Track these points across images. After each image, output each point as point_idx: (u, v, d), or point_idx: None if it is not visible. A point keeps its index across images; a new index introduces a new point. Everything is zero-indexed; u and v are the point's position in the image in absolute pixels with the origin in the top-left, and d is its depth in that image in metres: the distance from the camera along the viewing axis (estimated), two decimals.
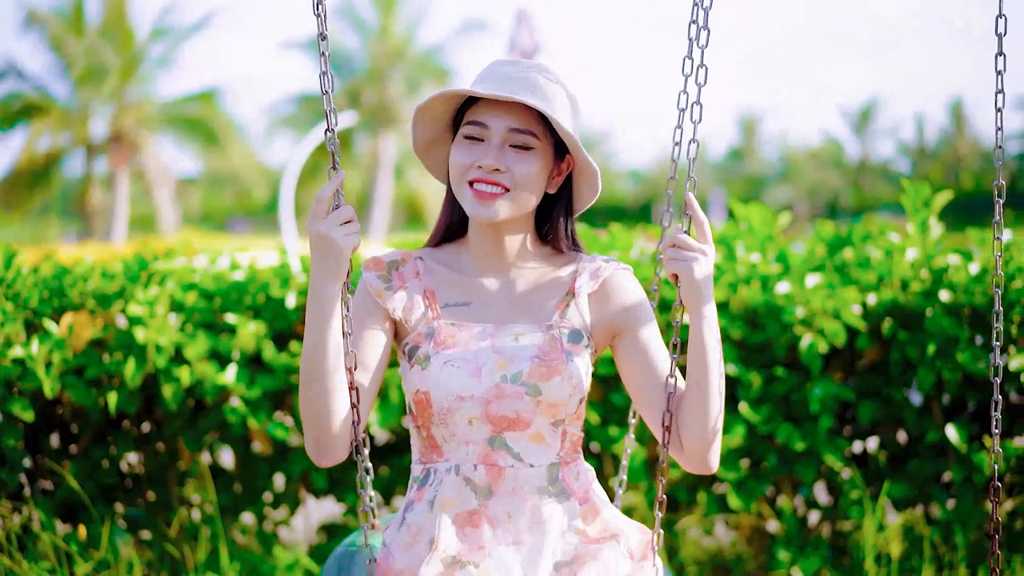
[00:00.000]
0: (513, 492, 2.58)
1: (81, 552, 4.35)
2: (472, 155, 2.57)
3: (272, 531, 4.70)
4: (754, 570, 4.70)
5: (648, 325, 2.67)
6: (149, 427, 4.62)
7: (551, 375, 2.55)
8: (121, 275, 4.42)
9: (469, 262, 2.72)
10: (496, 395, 2.54)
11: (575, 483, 2.65)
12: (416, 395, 2.58)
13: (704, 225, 2.55)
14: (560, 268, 2.73)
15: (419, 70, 43.85)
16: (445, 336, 2.60)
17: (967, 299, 4.35)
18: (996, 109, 2.81)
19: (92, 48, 37.08)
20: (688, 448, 2.58)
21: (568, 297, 2.67)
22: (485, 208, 2.56)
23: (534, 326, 2.62)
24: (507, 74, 2.59)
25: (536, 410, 2.56)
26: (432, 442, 2.63)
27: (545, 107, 2.54)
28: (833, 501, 4.66)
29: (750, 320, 4.49)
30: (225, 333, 4.41)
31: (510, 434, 2.57)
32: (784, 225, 4.75)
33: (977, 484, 4.40)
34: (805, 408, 4.44)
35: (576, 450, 2.69)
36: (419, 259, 2.73)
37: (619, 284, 2.69)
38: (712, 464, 2.60)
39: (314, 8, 2.54)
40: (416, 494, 2.64)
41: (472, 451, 2.58)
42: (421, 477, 2.66)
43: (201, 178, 57.18)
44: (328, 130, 2.52)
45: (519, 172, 2.56)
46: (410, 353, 2.62)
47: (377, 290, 2.66)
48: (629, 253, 4.71)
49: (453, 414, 2.56)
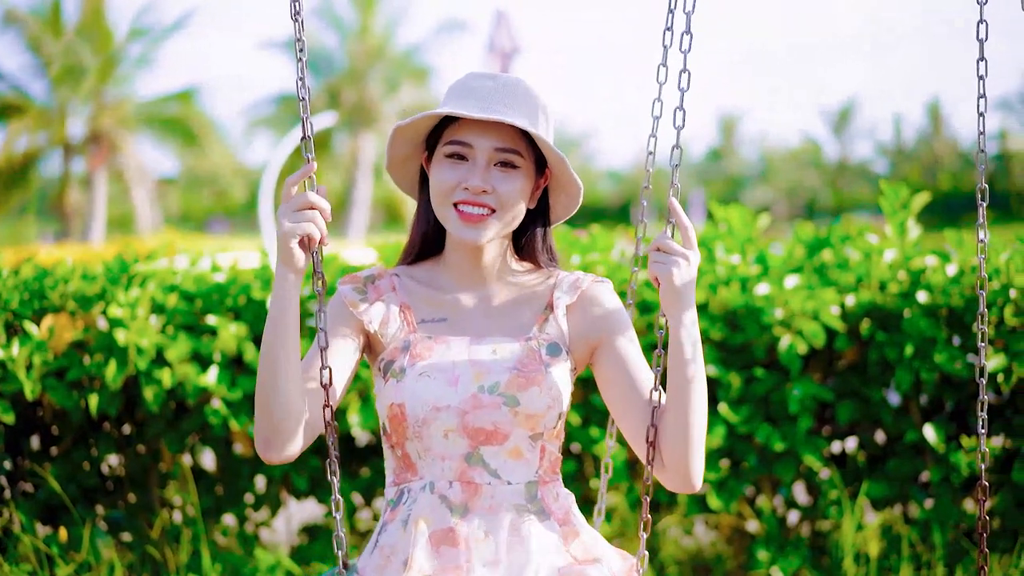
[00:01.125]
0: (490, 510, 2.49)
1: (62, 554, 4.34)
2: (456, 176, 2.51)
3: (253, 533, 4.71)
4: (734, 570, 4.72)
5: (628, 338, 2.61)
6: (130, 429, 4.62)
7: (529, 385, 2.49)
8: (102, 277, 4.42)
9: (446, 278, 2.66)
10: (473, 405, 2.47)
11: (554, 504, 2.56)
12: (391, 409, 2.51)
13: (688, 230, 2.48)
14: (538, 282, 2.67)
15: (398, 70, 43.85)
16: (421, 349, 2.53)
17: (945, 300, 4.38)
18: (979, 113, 2.81)
19: (70, 48, 36.94)
20: (670, 463, 2.50)
21: (547, 311, 2.61)
22: (472, 231, 2.51)
23: (512, 339, 2.56)
24: (487, 90, 2.53)
25: (514, 421, 2.49)
26: (407, 460, 2.55)
27: (531, 127, 2.50)
28: (812, 501, 4.69)
29: (730, 321, 4.51)
30: (206, 335, 4.41)
31: (487, 449, 2.49)
32: (764, 227, 4.78)
33: (955, 484, 4.43)
34: (784, 408, 4.46)
35: (555, 471, 2.60)
36: (395, 275, 2.67)
37: (598, 296, 2.63)
38: (695, 481, 2.51)
39: (292, 14, 2.50)
40: (389, 515, 2.56)
41: (448, 467, 2.50)
42: (394, 499, 2.57)
43: (179, 178, 57.02)
44: (304, 137, 2.46)
45: (505, 192, 2.51)
46: (385, 369, 2.55)
47: (352, 301, 2.60)
48: (610, 254, 4.72)
49: (428, 426, 2.48)
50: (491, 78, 2.55)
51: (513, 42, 17.68)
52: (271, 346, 2.41)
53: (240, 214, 64.38)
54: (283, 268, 2.41)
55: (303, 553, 4.65)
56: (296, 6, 2.51)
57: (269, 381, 2.41)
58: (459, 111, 2.47)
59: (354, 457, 4.67)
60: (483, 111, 2.48)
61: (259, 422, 2.44)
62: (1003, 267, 4.35)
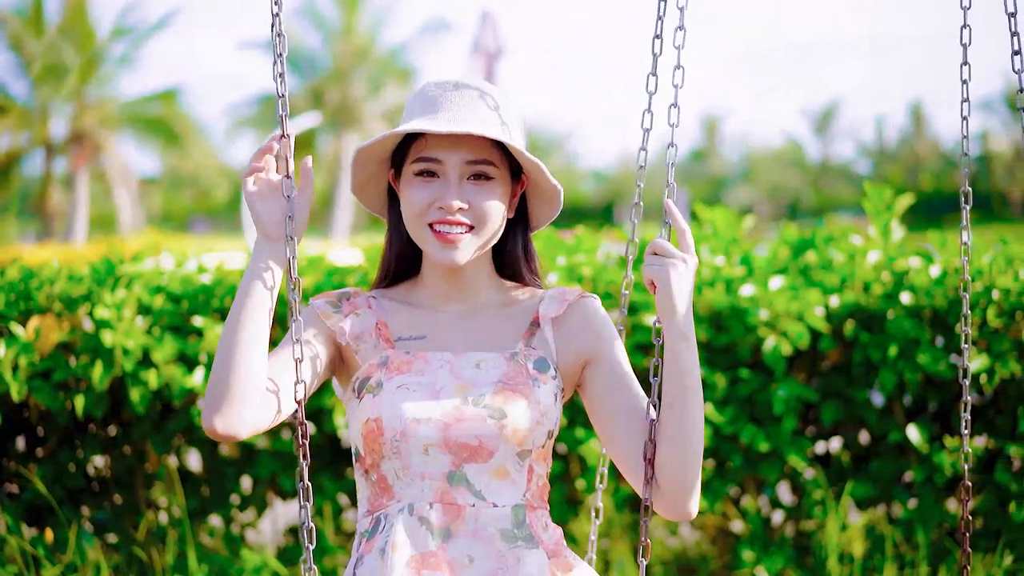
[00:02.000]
0: (475, 534, 2.32)
1: (48, 556, 4.34)
2: (429, 194, 2.35)
3: (239, 534, 4.72)
4: (719, 570, 4.74)
5: (618, 351, 2.46)
6: (116, 430, 4.62)
7: (516, 398, 2.33)
8: (88, 278, 4.42)
9: (424, 297, 2.50)
10: (456, 418, 2.31)
11: (543, 533, 2.39)
12: (366, 426, 2.34)
13: (686, 234, 2.37)
14: (522, 298, 2.52)
15: (382, 70, 43.81)
16: (400, 363, 2.38)
17: (928, 301, 4.41)
18: (962, 117, 2.82)
19: (52, 47, 36.80)
20: (665, 485, 2.35)
21: (533, 326, 2.46)
22: (450, 252, 2.35)
23: (496, 354, 2.41)
24: (450, 100, 2.38)
25: (500, 436, 2.31)
26: (382, 484, 2.37)
27: (503, 135, 2.34)
28: (797, 501, 4.71)
29: (715, 322, 4.53)
30: (193, 336, 4.42)
31: (471, 467, 2.32)
32: (748, 228, 4.80)
33: (938, 484, 4.46)
34: (769, 409, 4.48)
35: (543, 498, 2.43)
36: (371, 296, 2.51)
37: (586, 310, 2.48)
38: (692, 508, 2.37)
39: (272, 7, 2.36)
40: (365, 547, 2.37)
41: (428, 488, 2.33)
42: (369, 529, 2.38)
43: (162, 178, 56.88)
44: (283, 135, 2.33)
45: (482, 206, 2.36)
46: (360, 386, 2.38)
47: (324, 312, 2.44)
48: (595, 255, 4.73)
49: (408, 440, 2.31)
50: (452, 86, 2.40)
51: (498, 43, 17.71)
52: (234, 313, 2.28)
53: (223, 214, 64.29)
54: (260, 238, 2.34)
55: (289, 554, 4.66)
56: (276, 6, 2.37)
57: (226, 346, 2.27)
58: (423, 127, 2.30)
59: (340, 458, 4.67)
60: (449, 123, 2.32)
61: (215, 388, 2.26)
62: (986, 268, 4.38)
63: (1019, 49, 2.64)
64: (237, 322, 2.28)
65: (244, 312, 2.28)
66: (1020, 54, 2.64)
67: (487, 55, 17.48)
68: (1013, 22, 2.64)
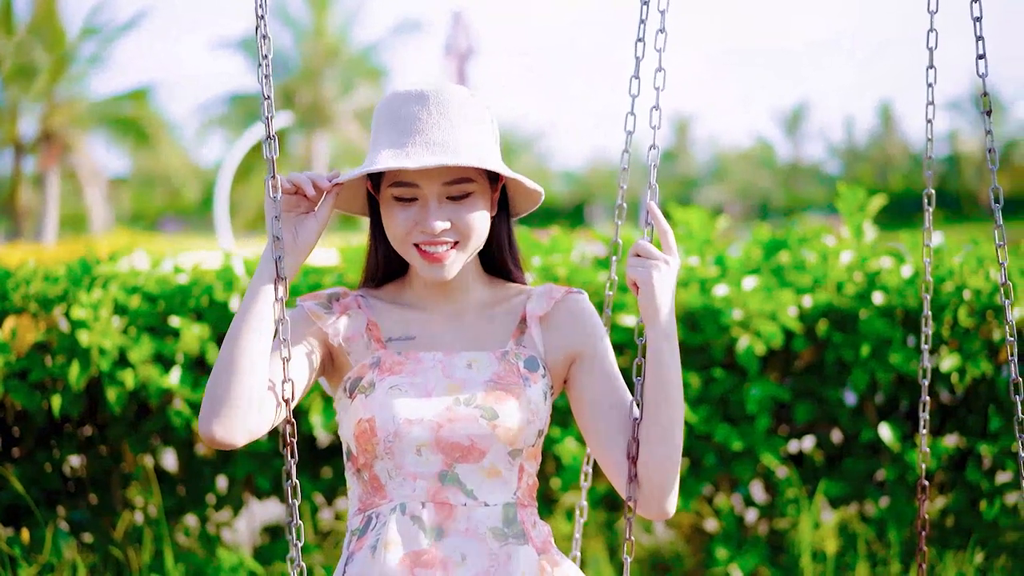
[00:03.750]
0: (467, 533, 2.34)
1: (25, 556, 4.35)
2: (410, 218, 2.34)
3: (216, 533, 4.72)
4: (693, 568, 4.77)
5: (605, 349, 2.49)
6: (92, 430, 4.62)
7: (508, 397, 2.36)
8: (64, 278, 4.42)
9: (413, 298, 2.51)
10: (448, 418, 2.33)
11: (533, 530, 2.41)
12: (359, 426, 2.36)
13: (668, 235, 2.41)
14: (510, 297, 2.53)
15: (353, 70, 43.84)
16: (392, 364, 2.39)
17: (900, 301, 4.46)
18: (927, 120, 2.86)
19: (22, 46, 36.65)
20: (645, 483, 2.39)
21: (521, 324, 2.48)
22: (437, 270, 2.35)
23: (487, 353, 2.43)
24: (420, 119, 2.34)
25: (492, 435, 2.34)
26: (375, 483, 2.39)
27: (479, 156, 2.33)
28: (770, 500, 4.75)
29: (689, 322, 4.56)
30: (169, 336, 4.42)
31: (463, 467, 2.35)
32: (722, 228, 4.83)
33: (910, 482, 4.51)
34: (742, 408, 4.52)
35: (532, 496, 2.45)
36: (359, 296, 2.51)
37: (573, 308, 2.50)
38: (670, 507, 2.42)
39: (256, 14, 2.42)
40: (356, 544, 2.39)
41: (420, 488, 2.35)
42: (361, 527, 2.40)
43: (132, 178, 56.69)
44: (269, 137, 2.33)
45: (465, 223, 2.35)
46: (352, 387, 2.40)
47: (315, 313, 2.44)
48: (570, 255, 4.75)
49: (400, 441, 2.33)
50: (419, 99, 2.35)
51: (469, 43, 17.73)
52: (237, 324, 2.28)
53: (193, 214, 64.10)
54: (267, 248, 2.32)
55: (265, 553, 4.67)
56: (260, 9, 2.42)
57: (228, 356, 2.26)
58: (395, 163, 2.26)
59: (316, 457, 4.69)
60: (421, 153, 2.29)
61: (210, 393, 2.27)
62: (957, 269, 4.43)
63: (983, 53, 2.67)
64: (240, 331, 2.28)
65: (248, 321, 2.29)
66: (984, 58, 2.68)
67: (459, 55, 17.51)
68: (978, 26, 2.67)
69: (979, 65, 2.71)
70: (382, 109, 2.40)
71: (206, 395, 2.27)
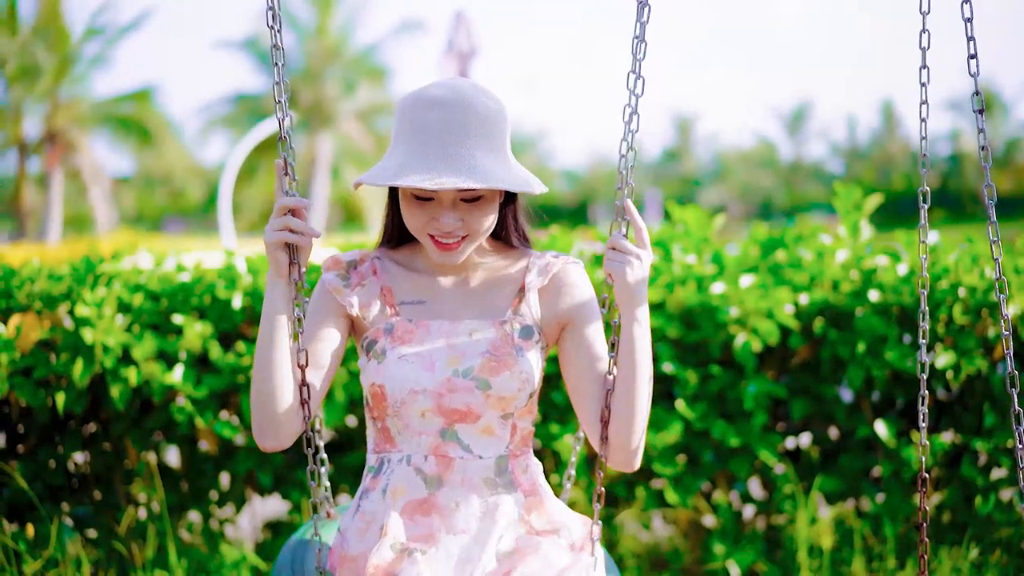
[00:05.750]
0: (462, 483, 2.67)
1: (29, 551, 4.38)
2: (426, 214, 2.60)
3: (218, 529, 4.75)
4: (690, 563, 4.80)
5: (593, 320, 2.76)
6: (96, 427, 4.65)
7: (501, 370, 2.64)
8: (68, 277, 4.46)
9: (424, 262, 2.79)
10: (448, 389, 2.63)
11: (522, 476, 2.74)
12: (372, 387, 2.66)
13: (642, 231, 2.65)
14: (512, 265, 2.80)
15: (355, 69, 43.84)
16: (402, 332, 2.68)
17: (896, 299, 4.48)
18: (920, 119, 2.90)
19: (25, 47, 36.72)
20: (615, 442, 2.68)
21: (520, 293, 2.75)
22: (449, 256, 2.63)
23: (487, 322, 2.70)
24: (440, 128, 2.52)
25: (486, 403, 2.65)
26: (387, 433, 2.72)
27: (500, 176, 2.52)
28: (767, 495, 4.78)
29: (686, 320, 4.59)
30: (172, 334, 4.46)
31: (461, 426, 2.66)
32: (719, 227, 4.87)
33: (905, 478, 4.53)
34: (739, 405, 4.55)
35: (526, 444, 2.78)
36: (376, 258, 2.80)
37: (567, 278, 2.77)
38: (634, 463, 2.70)
39: (268, 22, 2.62)
40: (371, 482, 2.73)
41: (424, 442, 2.67)
42: (376, 467, 2.74)
43: (135, 178, 56.72)
44: (282, 137, 2.61)
45: (476, 221, 2.61)
46: (368, 347, 2.70)
47: (336, 287, 2.72)
48: (569, 253, 4.78)
49: (407, 407, 2.64)
50: (441, 106, 2.53)
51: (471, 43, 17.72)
52: (265, 350, 2.60)
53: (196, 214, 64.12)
54: (273, 276, 2.61)
55: (267, 549, 4.70)
56: (273, 16, 2.63)
57: (265, 380, 2.60)
58: (419, 184, 2.46)
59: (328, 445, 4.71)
60: (445, 167, 2.49)
61: (256, 414, 2.62)
62: (952, 267, 4.46)
63: (975, 53, 2.72)
64: (267, 353, 2.61)
65: (273, 342, 2.61)
66: (976, 58, 2.72)
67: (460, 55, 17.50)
68: (969, 27, 2.72)
69: (970, 65, 2.76)
70: (404, 109, 2.60)
71: (253, 413, 2.63)
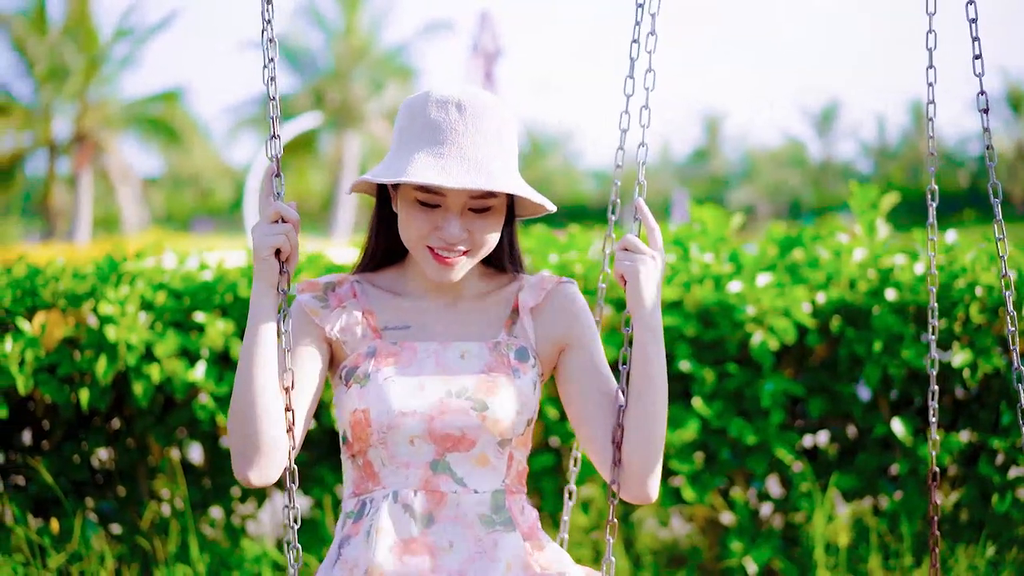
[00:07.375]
0: (456, 519, 2.41)
1: (54, 545, 4.43)
2: (430, 222, 2.39)
3: (240, 525, 4.79)
4: (708, 560, 4.81)
5: (593, 339, 2.56)
6: (119, 423, 4.70)
7: (498, 390, 2.42)
8: (92, 275, 4.50)
9: (409, 285, 2.56)
10: (440, 410, 2.39)
11: (520, 516, 2.48)
12: (354, 416, 2.41)
13: (655, 231, 2.48)
14: (503, 287, 2.59)
15: (383, 70, 43.91)
16: (387, 354, 2.45)
17: (912, 297, 4.49)
18: (927, 119, 2.91)
19: (55, 48, 36.97)
20: (628, 467, 2.46)
21: (513, 314, 2.54)
22: (446, 272, 2.42)
23: (480, 344, 2.48)
24: (453, 128, 2.37)
25: (482, 427, 2.40)
26: (369, 469, 2.45)
27: (514, 181, 2.39)
28: (784, 493, 4.79)
29: (703, 318, 4.61)
30: (194, 331, 4.50)
31: (454, 456, 2.41)
32: (737, 226, 4.88)
33: (922, 476, 4.54)
34: (757, 403, 4.57)
35: (521, 482, 2.53)
36: (356, 282, 2.56)
37: (563, 297, 2.56)
38: (651, 492, 2.48)
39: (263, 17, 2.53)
40: (352, 528, 2.45)
41: (412, 476, 2.41)
42: (356, 511, 2.46)
43: (164, 178, 56.94)
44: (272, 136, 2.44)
45: (481, 235, 2.42)
46: (347, 376, 2.45)
47: (312, 309, 2.49)
48: (588, 252, 4.81)
49: (394, 432, 2.39)
50: (455, 106, 2.39)
51: (496, 43, 17.77)
52: (254, 368, 2.36)
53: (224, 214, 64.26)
54: (259, 284, 2.37)
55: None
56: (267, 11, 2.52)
57: (251, 403, 2.35)
58: (434, 180, 2.30)
59: (338, 451, 4.74)
60: (459, 166, 2.34)
61: (240, 443, 2.36)
62: (969, 265, 4.47)
63: (979, 53, 2.74)
64: (256, 372, 2.36)
65: (262, 360, 2.37)
66: (980, 58, 2.74)
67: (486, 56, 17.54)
68: (974, 27, 2.74)
69: (975, 65, 2.78)
70: (414, 109, 2.43)
71: (234, 441, 2.35)
